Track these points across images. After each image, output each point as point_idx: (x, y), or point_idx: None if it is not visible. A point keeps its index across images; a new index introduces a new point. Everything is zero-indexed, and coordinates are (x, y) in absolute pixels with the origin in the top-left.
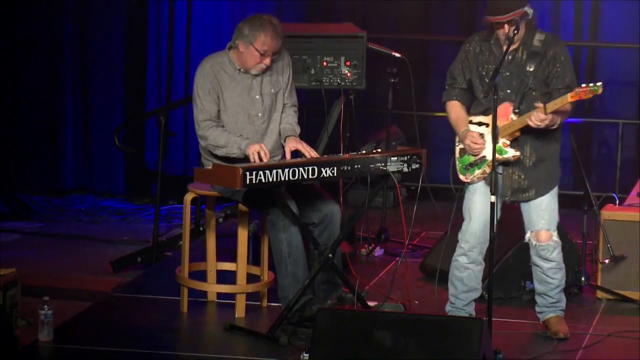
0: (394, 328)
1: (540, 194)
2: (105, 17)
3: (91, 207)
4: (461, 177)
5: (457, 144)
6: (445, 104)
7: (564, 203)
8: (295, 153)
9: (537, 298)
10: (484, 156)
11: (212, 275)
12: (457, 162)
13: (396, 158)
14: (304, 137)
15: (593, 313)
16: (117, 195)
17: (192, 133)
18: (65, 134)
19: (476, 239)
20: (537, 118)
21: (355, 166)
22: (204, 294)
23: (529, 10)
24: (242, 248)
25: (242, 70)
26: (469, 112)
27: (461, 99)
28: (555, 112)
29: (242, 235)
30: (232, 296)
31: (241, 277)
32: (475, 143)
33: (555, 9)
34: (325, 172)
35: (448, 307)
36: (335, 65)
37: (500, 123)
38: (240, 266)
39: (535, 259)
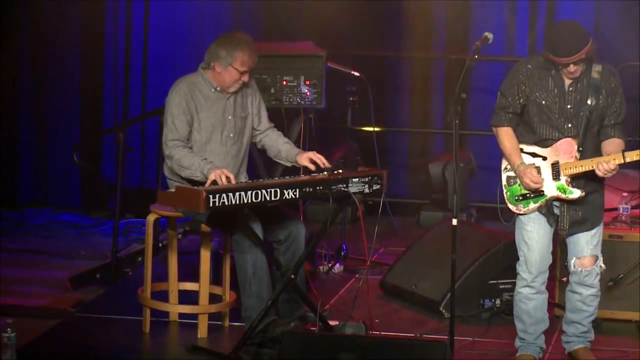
0: (358, 351)
1: (595, 225)
2: (62, 31)
3: (48, 221)
4: (512, 207)
5: (504, 171)
6: (495, 128)
7: None
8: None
9: (567, 327)
10: (542, 191)
11: (174, 296)
12: (505, 190)
13: (357, 179)
14: (264, 155)
15: (551, 331)
16: (73, 208)
17: (149, 147)
18: (21, 147)
19: (538, 268)
20: (608, 169)
21: (317, 188)
22: (166, 313)
23: (489, 35)
24: (204, 268)
25: (217, 89)
26: (518, 139)
27: (513, 124)
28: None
29: (205, 255)
30: (194, 316)
31: (203, 297)
32: (536, 182)
33: (511, 8)
34: (288, 193)
35: (518, 343)
36: (295, 84)
37: (563, 160)
38: (203, 286)
39: (575, 286)
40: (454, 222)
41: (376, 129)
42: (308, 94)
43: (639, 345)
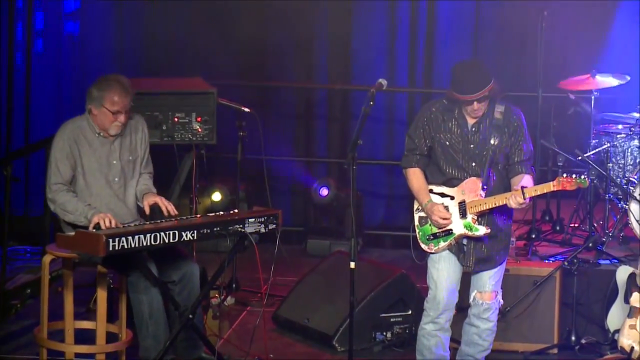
0: None
1: (499, 262)
2: None
3: None
4: (424, 246)
5: (416, 212)
6: (405, 169)
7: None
8: (153, 208)
9: None
10: (450, 229)
11: (70, 335)
12: (418, 231)
13: (254, 219)
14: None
15: None
16: None
17: (33, 176)
18: None
19: (444, 306)
20: (516, 202)
21: (215, 229)
22: (63, 352)
23: (383, 82)
24: (101, 309)
25: (101, 134)
26: (427, 180)
27: (422, 165)
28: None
29: (102, 296)
30: (91, 355)
31: (100, 337)
32: (444, 218)
33: (391, 9)
34: (186, 235)
35: None
36: (187, 121)
37: (469, 198)
38: (100, 326)
39: (473, 319)
40: (352, 265)
41: (265, 157)
42: (200, 130)
43: None
